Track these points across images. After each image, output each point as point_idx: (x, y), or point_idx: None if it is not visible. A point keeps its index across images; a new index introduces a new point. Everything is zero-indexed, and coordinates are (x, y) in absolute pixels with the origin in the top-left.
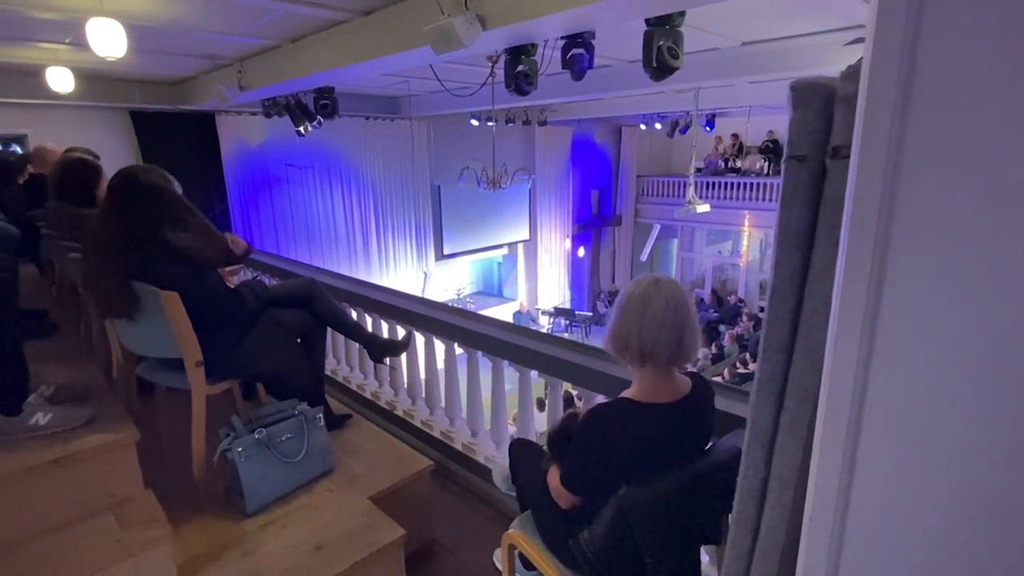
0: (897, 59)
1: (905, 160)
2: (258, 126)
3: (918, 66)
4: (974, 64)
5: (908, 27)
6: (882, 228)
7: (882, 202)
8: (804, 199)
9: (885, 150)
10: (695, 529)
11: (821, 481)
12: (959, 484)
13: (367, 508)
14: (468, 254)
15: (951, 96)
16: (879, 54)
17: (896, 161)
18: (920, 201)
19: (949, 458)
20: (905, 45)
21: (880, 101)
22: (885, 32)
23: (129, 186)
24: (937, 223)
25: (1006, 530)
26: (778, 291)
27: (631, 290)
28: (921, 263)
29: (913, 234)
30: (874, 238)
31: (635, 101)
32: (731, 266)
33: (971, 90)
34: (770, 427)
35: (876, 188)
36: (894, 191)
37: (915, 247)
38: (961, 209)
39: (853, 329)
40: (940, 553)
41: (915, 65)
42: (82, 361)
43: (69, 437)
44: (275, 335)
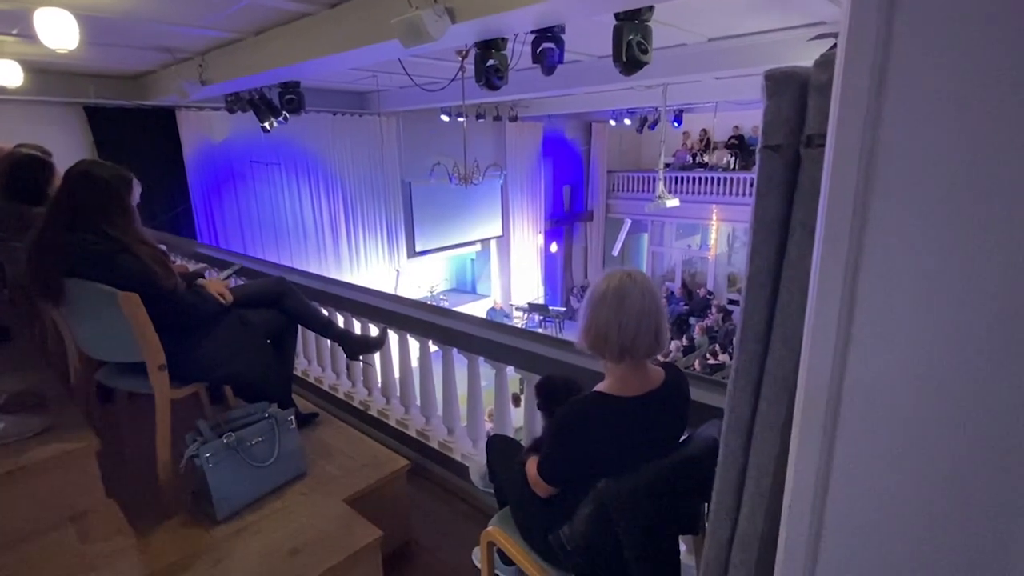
0: (872, 46)
1: (880, 148)
2: (221, 122)
3: (892, 53)
4: (949, 51)
5: (882, 14)
6: (858, 216)
7: (857, 190)
8: (779, 188)
9: (860, 138)
10: (674, 519)
11: (800, 469)
12: (936, 470)
13: (342, 510)
14: (441, 251)
15: (926, 83)
16: (853, 41)
17: (871, 149)
18: (896, 189)
19: (926, 444)
20: (880, 32)
21: (854, 89)
22: (860, 19)
23: (82, 179)
24: (913, 211)
25: (981, 514)
26: (754, 280)
27: (604, 284)
28: (897, 251)
29: (889, 222)
30: (850, 226)
31: (605, 97)
32: (700, 259)
33: (946, 77)
34: (748, 416)
35: (851, 176)
36: (869, 179)
37: (891, 235)
38: (937, 196)
39: (830, 317)
40: (918, 537)
41: (889, 52)
42: (36, 367)
43: (23, 448)
44: (243, 336)
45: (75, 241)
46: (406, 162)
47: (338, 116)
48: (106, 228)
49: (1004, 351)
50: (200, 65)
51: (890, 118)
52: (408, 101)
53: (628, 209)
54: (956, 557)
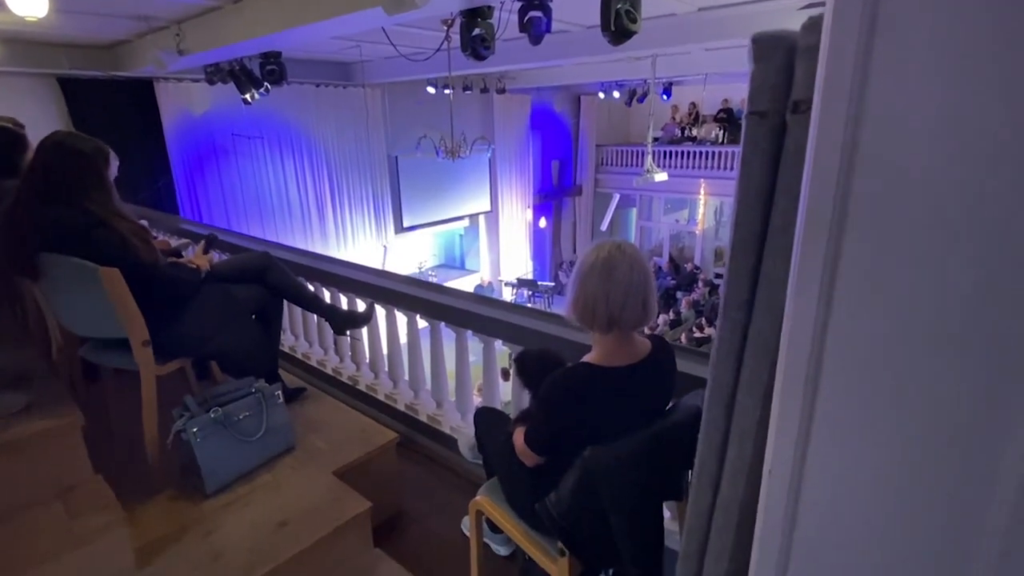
0: (860, 8)
1: (866, 112)
2: (201, 94)
3: (880, 15)
4: (937, 12)
5: None
6: (842, 183)
7: (843, 157)
8: (764, 155)
9: (846, 102)
10: (657, 487)
11: (780, 435)
12: (916, 435)
13: (332, 483)
14: (429, 226)
15: (914, 45)
16: (841, 3)
17: (857, 115)
18: (881, 155)
19: (906, 408)
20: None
21: (841, 52)
22: None
23: (57, 151)
24: (898, 178)
25: (960, 482)
26: (738, 249)
27: (593, 256)
28: (881, 218)
29: (873, 189)
30: (834, 193)
31: (594, 68)
32: (688, 234)
33: (934, 39)
34: (730, 384)
35: (837, 142)
36: (855, 145)
37: (875, 202)
38: (922, 162)
39: (812, 285)
40: (894, 503)
41: (877, 14)
42: (19, 345)
43: (7, 424)
44: (228, 311)
45: (50, 215)
46: (392, 135)
47: (321, 88)
48: (83, 202)
49: (987, 314)
50: (177, 34)
51: (877, 82)
52: (393, 72)
53: (617, 184)
54: (937, 518)
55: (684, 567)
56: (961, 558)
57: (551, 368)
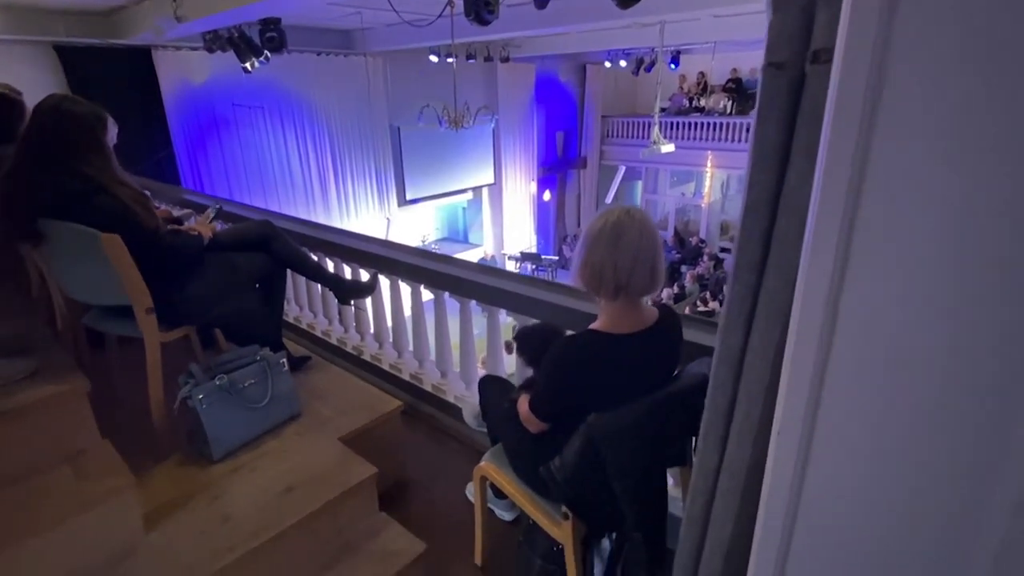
0: None
1: (891, 64)
2: (201, 63)
3: None
4: None
5: None
6: (863, 138)
7: (864, 110)
8: (781, 110)
9: (870, 52)
10: (662, 453)
11: (790, 396)
12: (929, 400)
13: (338, 449)
14: (432, 199)
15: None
16: None
17: (881, 65)
18: (904, 107)
19: (919, 375)
20: None
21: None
22: None
23: (53, 114)
24: (920, 132)
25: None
26: (751, 210)
27: (602, 221)
28: (901, 175)
29: (895, 142)
30: (854, 149)
31: (600, 36)
32: (693, 207)
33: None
34: (739, 347)
35: (858, 95)
36: (877, 97)
37: (896, 157)
38: (947, 116)
39: (828, 247)
40: (905, 465)
41: None
42: (22, 313)
43: (12, 390)
44: (231, 279)
45: (48, 181)
46: (394, 106)
47: (322, 56)
48: (81, 167)
49: (1009, 280)
50: (174, 0)
51: (902, 30)
52: (395, 40)
53: (622, 156)
54: (948, 481)
55: (688, 530)
56: (971, 523)
57: (552, 341)
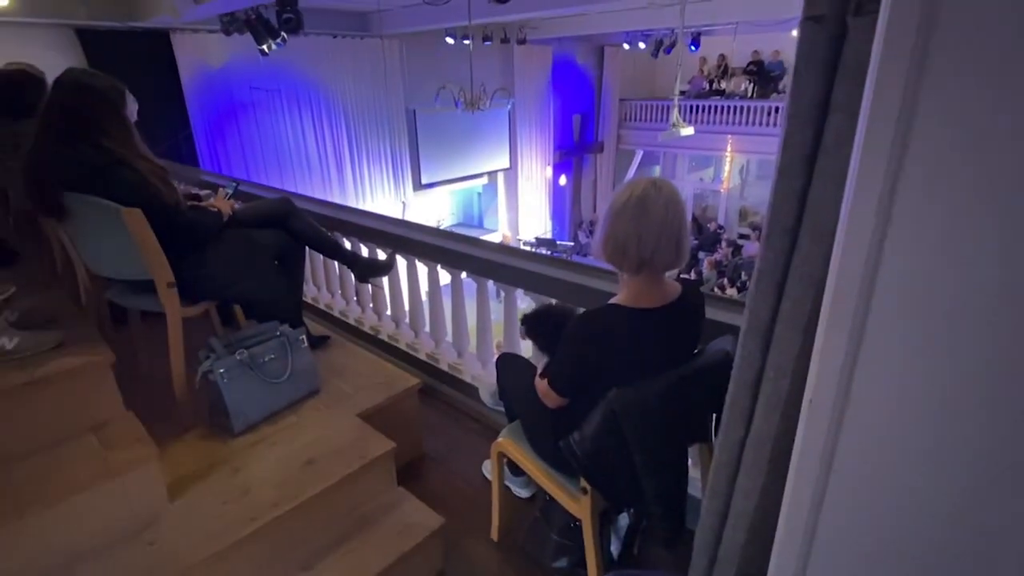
0: None
1: (942, 11)
2: (218, 45)
3: None
4: None
5: None
6: (910, 93)
7: (912, 63)
8: (820, 66)
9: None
10: (684, 429)
11: (824, 365)
12: (968, 371)
13: (356, 424)
14: (447, 183)
15: None
16: None
17: (930, 15)
18: (955, 60)
19: (959, 342)
20: None
21: None
22: None
23: (73, 88)
24: (971, 93)
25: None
26: (785, 172)
27: (627, 193)
28: (950, 133)
29: (944, 104)
30: (900, 104)
31: (618, 17)
32: (712, 193)
33: None
34: (768, 317)
35: (906, 46)
36: (926, 50)
37: (945, 113)
38: (1001, 66)
39: (867, 209)
40: (943, 440)
41: None
42: (47, 289)
43: (40, 361)
44: (250, 255)
45: (68, 154)
46: (410, 88)
47: (339, 39)
48: (102, 140)
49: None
50: None
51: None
52: (411, 22)
53: (640, 140)
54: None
55: (711, 504)
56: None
57: (562, 322)
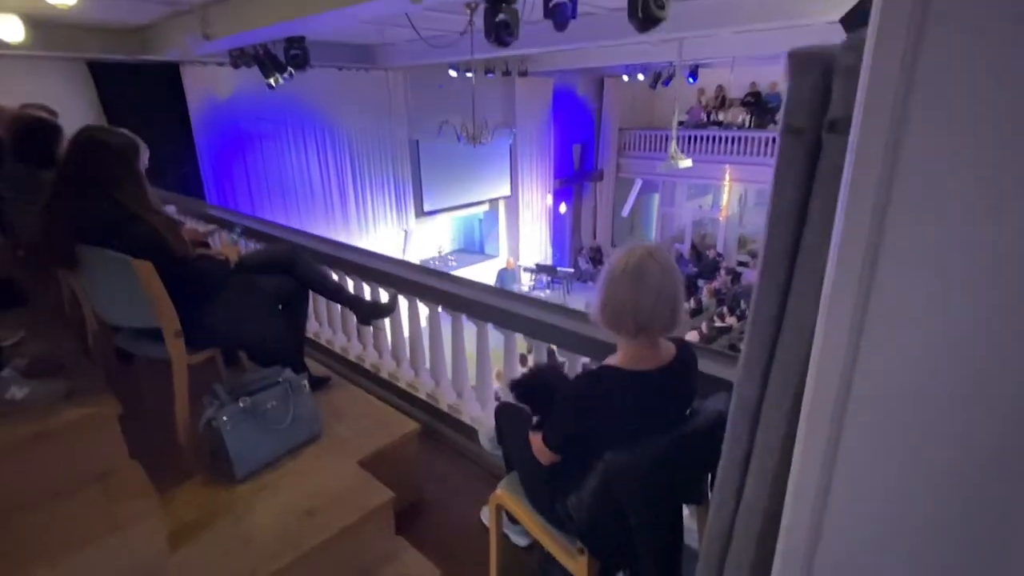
0: (903, 33)
1: (907, 139)
2: (226, 78)
3: (924, 42)
4: (983, 45)
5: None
6: (879, 208)
7: (881, 180)
8: (799, 173)
9: (886, 127)
10: (678, 490)
11: (807, 447)
12: (942, 470)
13: (356, 472)
14: (449, 211)
15: (958, 75)
16: (884, 27)
17: (897, 139)
18: (920, 182)
19: (933, 441)
20: (913, 19)
21: (883, 76)
22: (891, 5)
23: (89, 146)
24: (936, 207)
25: (986, 515)
26: (768, 265)
27: (623, 260)
28: (918, 246)
29: (911, 216)
30: (871, 216)
31: (618, 51)
32: (711, 220)
33: (979, 70)
34: (755, 398)
35: (875, 166)
36: (894, 170)
37: (913, 229)
38: (963, 194)
39: (845, 305)
40: (923, 519)
41: (921, 41)
42: (54, 330)
43: (48, 412)
44: (255, 302)
45: (84, 208)
46: (414, 120)
47: (344, 72)
48: (116, 195)
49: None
50: (203, 19)
51: (919, 109)
52: (415, 55)
53: (639, 168)
54: (959, 552)
55: (705, 569)
56: None
57: (550, 384)
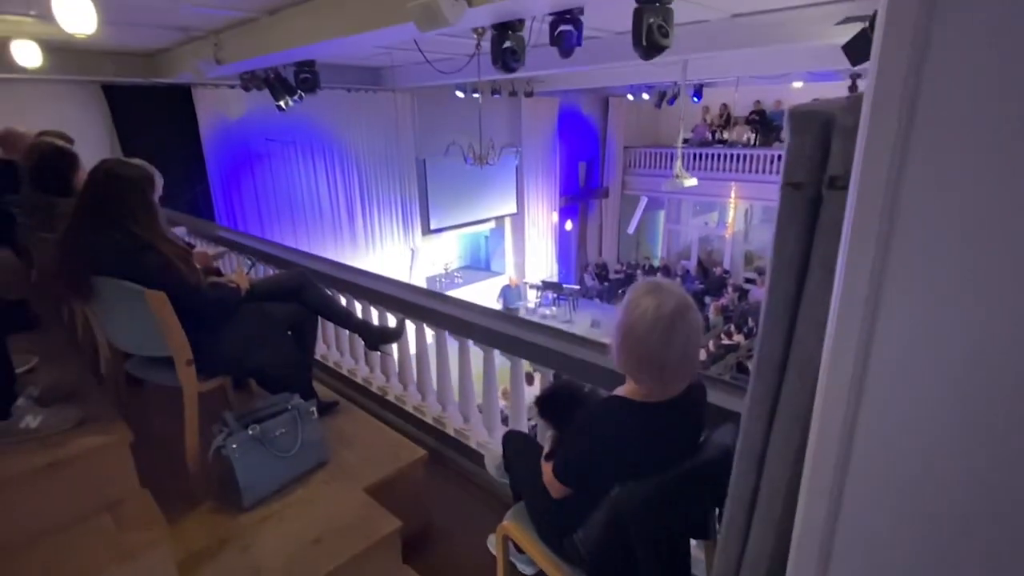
0: (899, 95)
1: (904, 197)
2: (237, 100)
3: (920, 104)
4: (977, 105)
5: (912, 63)
6: (878, 262)
7: (879, 236)
8: (800, 225)
9: (883, 187)
10: (686, 525)
11: (812, 495)
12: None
13: (363, 500)
14: (455, 228)
15: (953, 136)
16: (881, 90)
17: (895, 197)
18: (918, 238)
19: (937, 487)
20: (908, 82)
21: (881, 136)
22: (888, 66)
23: (108, 179)
24: (934, 261)
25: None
26: (771, 313)
27: (652, 313)
28: (916, 295)
29: (910, 270)
30: (871, 269)
31: (623, 71)
32: (717, 237)
33: (973, 129)
34: (761, 443)
35: (874, 222)
36: (893, 225)
37: (911, 280)
38: (958, 250)
39: (846, 356)
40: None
41: (917, 103)
42: (67, 357)
43: (61, 440)
44: (265, 329)
45: (101, 240)
46: (421, 139)
47: (352, 93)
48: (131, 226)
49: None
50: (215, 44)
51: (916, 170)
52: (423, 77)
53: (645, 186)
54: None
55: None
56: None
57: (575, 402)
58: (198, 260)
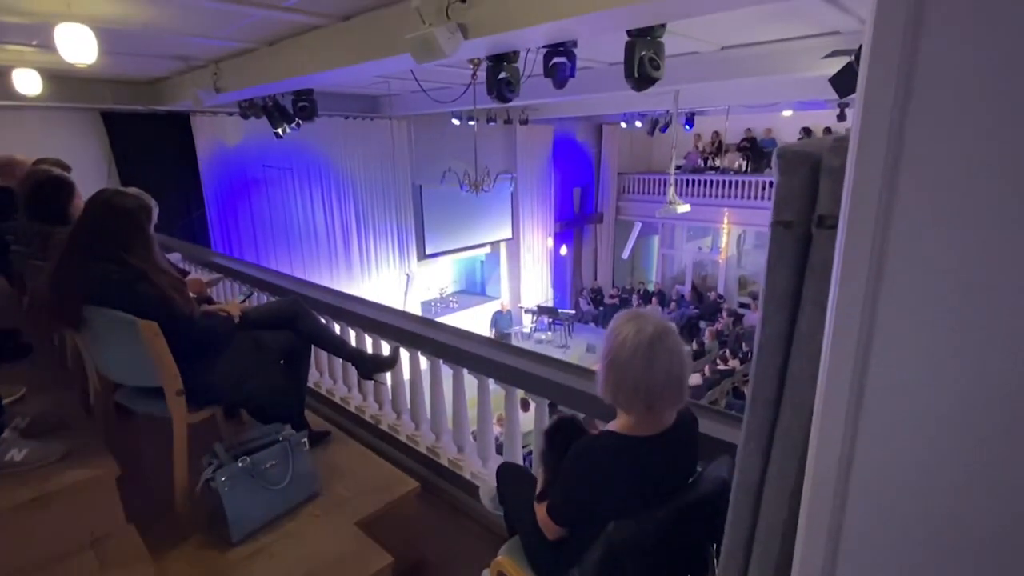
0: (885, 137)
1: (892, 234)
2: (235, 127)
3: (906, 143)
4: (964, 143)
5: (896, 107)
6: (869, 297)
7: (870, 273)
8: (790, 263)
9: (872, 224)
10: (682, 560)
11: (809, 536)
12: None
13: (354, 534)
14: (450, 253)
15: (938, 175)
16: (867, 132)
17: (883, 236)
18: (907, 274)
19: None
20: (893, 124)
21: (868, 177)
22: (873, 108)
23: (105, 209)
24: (924, 297)
25: None
26: (765, 349)
27: (632, 342)
28: (908, 332)
29: (900, 306)
30: (861, 307)
31: (616, 100)
32: (711, 262)
33: (957, 169)
34: (757, 480)
35: (863, 261)
36: (882, 263)
37: (902, 317)
38: (947, 286)
39: (840, 392)
40: None
41: (903, 142)
42: (56, 386)
43: (46, 474)
44: (258, 359)
45: (96, 270)
46: (417, 166)
47: (350, 120)
48: (126, 256)
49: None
50: (214, 73)
51: (903, 207)
52: (419, 105)
53: (639, 211)
54: None
55: None
56: None
57: (582, 433)
58: (191, 287)
